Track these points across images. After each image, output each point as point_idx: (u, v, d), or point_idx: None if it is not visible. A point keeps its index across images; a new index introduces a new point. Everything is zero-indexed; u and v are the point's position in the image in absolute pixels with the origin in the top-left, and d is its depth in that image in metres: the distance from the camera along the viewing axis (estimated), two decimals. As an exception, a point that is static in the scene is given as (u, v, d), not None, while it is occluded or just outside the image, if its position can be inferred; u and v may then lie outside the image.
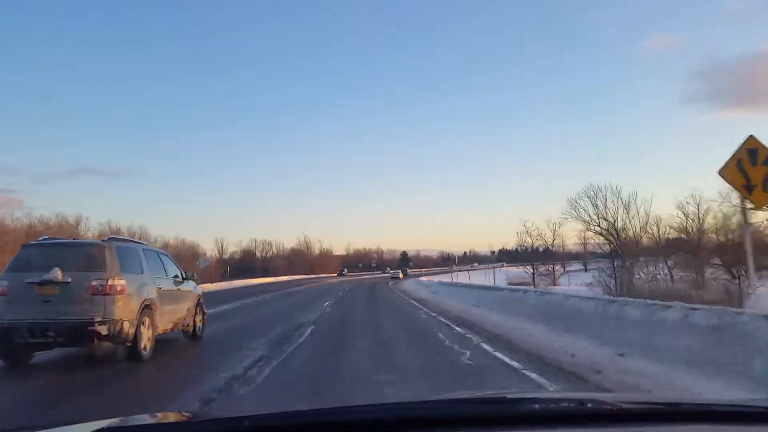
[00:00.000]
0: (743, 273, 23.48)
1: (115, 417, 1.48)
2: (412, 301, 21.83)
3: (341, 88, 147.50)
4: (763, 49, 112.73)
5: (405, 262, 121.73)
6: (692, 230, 37.72)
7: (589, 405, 1.49)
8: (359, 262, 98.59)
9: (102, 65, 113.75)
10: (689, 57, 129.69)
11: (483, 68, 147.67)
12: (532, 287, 37.44)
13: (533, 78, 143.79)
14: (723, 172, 7.12)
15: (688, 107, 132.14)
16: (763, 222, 24.85)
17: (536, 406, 1.50)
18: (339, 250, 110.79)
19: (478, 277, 57.44)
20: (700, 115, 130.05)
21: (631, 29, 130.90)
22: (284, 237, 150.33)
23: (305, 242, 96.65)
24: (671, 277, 32.31)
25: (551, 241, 71.70)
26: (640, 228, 43.18)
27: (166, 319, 8.18)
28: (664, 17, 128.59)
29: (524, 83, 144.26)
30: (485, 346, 8.53)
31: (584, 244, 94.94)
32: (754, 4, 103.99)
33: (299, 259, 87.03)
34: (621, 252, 35.44)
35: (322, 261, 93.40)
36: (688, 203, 37.42)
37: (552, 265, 69.51)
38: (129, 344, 7.02)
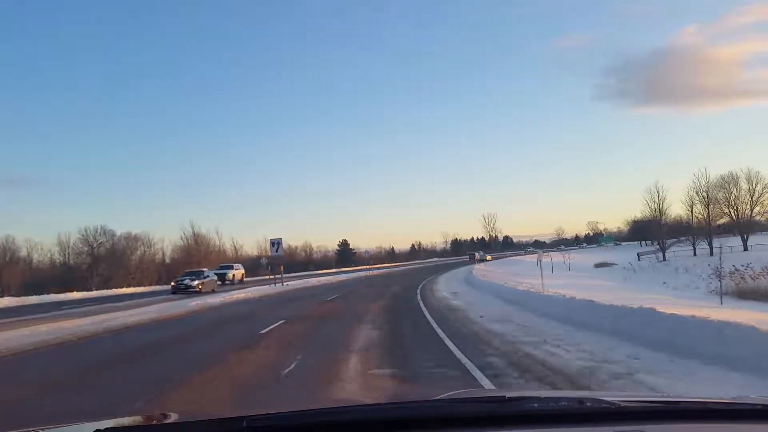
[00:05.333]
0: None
1: (115, 417, 1.46)
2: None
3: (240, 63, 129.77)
4: (666, 45, 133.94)
5: (346, 253, 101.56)
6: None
7: (588, 404, 1.55)
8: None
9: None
10: (600, 55, 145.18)
11: (409, 62, 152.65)
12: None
13: (455, 74, 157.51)
14: None
15: (603, 103, 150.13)
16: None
17: (535, 405, 1.56)
18: (251, 247, 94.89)
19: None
20: (613, 110, 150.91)
21: (546, 28, 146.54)
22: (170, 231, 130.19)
23: (193, 237, 71.12)
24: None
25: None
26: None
27: None
28: (575, 17, 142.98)
29: (448, 79, 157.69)
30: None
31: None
32: (655, 4, 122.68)
33: (183, 260, 63.72)
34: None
35: (218, 261, 65.36)
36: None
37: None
38: None
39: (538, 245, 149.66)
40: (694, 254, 60.73)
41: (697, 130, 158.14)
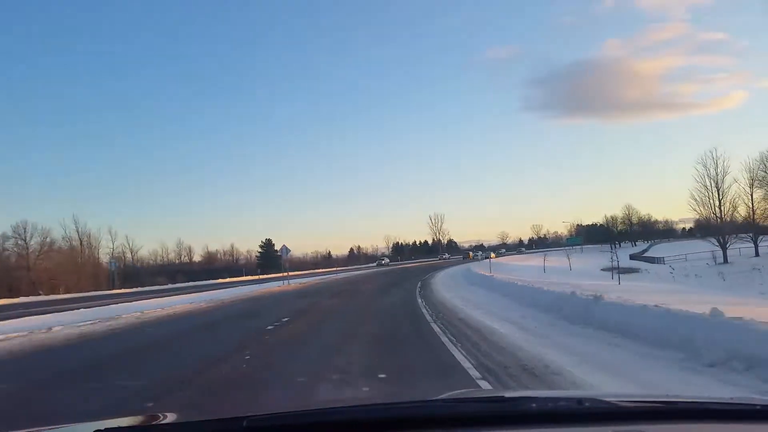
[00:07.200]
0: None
1: (115, 417, 1.47)
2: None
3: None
4: (588, 57, 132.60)
5: (270, 256, 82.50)
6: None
7: (587, 404, 1.53)
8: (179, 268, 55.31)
9: None
10: (527, 66, 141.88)
11: (348, 67, 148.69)
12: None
13: (395, 79, 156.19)
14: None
15: (530, 113, 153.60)
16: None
17: (534, 405, 1.54)
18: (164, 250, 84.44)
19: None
20: (540, 121, 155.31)
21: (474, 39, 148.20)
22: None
23: (78, 236, 55.99)
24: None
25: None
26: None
27: None
28: (502, 29, 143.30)
29: (389, 84, 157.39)
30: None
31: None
32: (580, 17, 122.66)
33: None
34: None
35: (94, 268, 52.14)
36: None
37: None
38: None
39: (480, 249, 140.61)
40: (756, 254, 47.18)
41: (622, 140, 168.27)
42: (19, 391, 6.82)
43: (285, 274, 38.05)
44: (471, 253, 67.87)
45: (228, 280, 53.64)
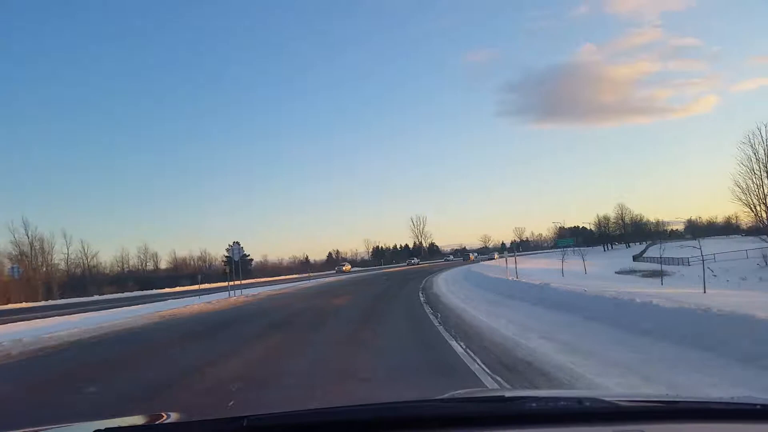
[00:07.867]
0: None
1: (115, 417, 1.49)
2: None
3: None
4: (564, 62, 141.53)
5: (244, 264, 71.37)
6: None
7: (587, 404, 1.54)
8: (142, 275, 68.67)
9: None
10: (505, 71, 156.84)
11: (328, 65, 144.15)
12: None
13: (367, 84, 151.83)
14: None
15: (509, 117, 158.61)
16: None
17: (534, 405, 1.54)
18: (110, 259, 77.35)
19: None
20: (519, 124, 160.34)
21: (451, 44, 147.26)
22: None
23: (29, 242, 51.54)
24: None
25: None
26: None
27: None
28: (478, 35, 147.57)
29: (360, 90, 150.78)
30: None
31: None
32: (553, 23, 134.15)
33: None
34: None
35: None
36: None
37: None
38: None
39: (464, 251, 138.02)
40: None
41: (600, 144, 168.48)
42: None
43: (232, 282, 28.30)
44: (472, 255, 66.04)
45: (162, 291, 42.96)
